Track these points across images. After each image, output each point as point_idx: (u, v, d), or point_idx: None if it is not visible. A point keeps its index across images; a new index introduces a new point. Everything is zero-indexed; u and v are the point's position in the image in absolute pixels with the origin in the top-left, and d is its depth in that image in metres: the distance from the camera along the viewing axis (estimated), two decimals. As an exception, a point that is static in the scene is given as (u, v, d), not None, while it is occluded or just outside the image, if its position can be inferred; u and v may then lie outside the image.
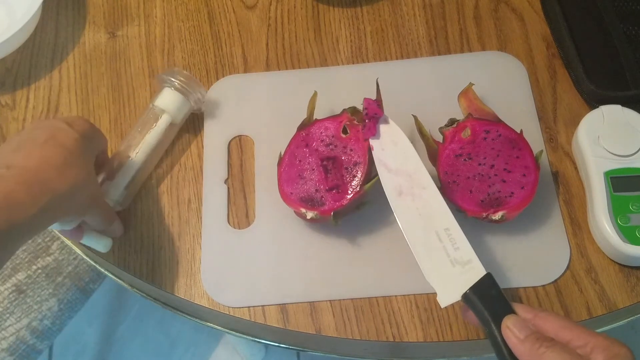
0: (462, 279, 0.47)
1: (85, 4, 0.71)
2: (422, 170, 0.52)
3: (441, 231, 0.50)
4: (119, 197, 0.57)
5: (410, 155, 0.53)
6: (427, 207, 0.51)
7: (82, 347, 1.28)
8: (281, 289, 0.55)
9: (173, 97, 0.59)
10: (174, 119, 0.60)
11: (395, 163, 0.53)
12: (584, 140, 0.56)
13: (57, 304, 0.77)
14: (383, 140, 0.54)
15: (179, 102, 0.60)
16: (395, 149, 0.53)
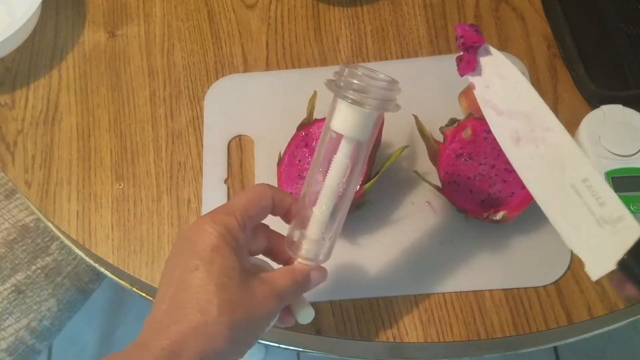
0: (614, 241, 0.38)
1: (85, 4, 0.71)
2: (543, 107, 0.41)
3: (578, 183, 0.39)
4: (314, 256, 0.45)
5: (525, 90, 0.42)
6: (557, 154, 0.40)
7: (82, 347, 1.28)
8: (281, 289, 0.55)
9: (351, 115, 0.42)
10: (360, 139, 0.43)
11: (506, 102, 0.42)
12: (585, 140, 0.56)
13: (57, 304, 0.76)
14: (486, 76, 0.43)
15: (360, 120, 0.42)
16: (504, 85, 0.42)
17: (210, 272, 0.39)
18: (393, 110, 0.43)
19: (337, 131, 0.42)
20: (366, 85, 0.42)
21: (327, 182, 0.43)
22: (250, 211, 0.43)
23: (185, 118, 0.64)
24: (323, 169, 0.44)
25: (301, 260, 0.45)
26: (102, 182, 0.61)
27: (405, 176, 0.59)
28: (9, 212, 0.77)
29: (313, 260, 0.45)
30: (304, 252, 0.45)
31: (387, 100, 0.42)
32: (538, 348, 0.56)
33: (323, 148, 0.44)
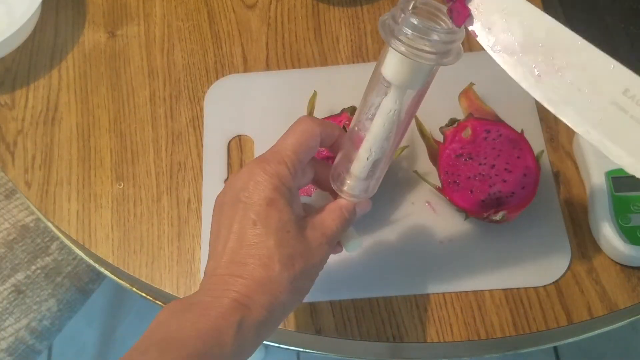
0: None
1: (85, 4, 0.71)
2: (558, 27, 0.36)
3: (619, 97, 0.34)
4: (359, 192, 0.45)
5: (532, 15, 0.36)
6: (586, 75, 0.36)
7: (82, 347, 1.28)
8: (281, 289, 0.55)
9: (402, 66, 0.39)
10: (411, 88, 0.41)
11: (514, 37, 0.37)
12: (585, 140, 0.56)
13: (57, 304, 0.76)
14: (484, 18, 0.37)
15: (412, 71, 0.40)
16: (506, 18, 0.37)
17: (268, 227, 0.40)
18: (452, 63, 0.38)
19: (387, 78, 0.40)
20: (422, 37, 0.37)
21: (374, 128, 0.42)
22: (301, 155, 0.43)
23: (185, 118, 0.64)
24: (371, 113, 0.42)
25: (345, 197, 0.45)
26: (102, 182, 0.61)
27: (405, 176, 0.59)
28: (9, 212, 0.77)
29: (358, 197, 0.45)
30: (348, 189, 0.45)
31: (445, 53, 0.38)
32: (538, 348, 0.56)
33: (372, 91, 0.42)
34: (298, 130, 0.43)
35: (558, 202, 0.57)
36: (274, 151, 0.43)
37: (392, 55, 0.39)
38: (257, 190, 0.41)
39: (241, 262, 0.40)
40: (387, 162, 0.45)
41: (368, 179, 0.45)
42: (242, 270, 0.40)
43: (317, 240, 0.42)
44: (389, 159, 0.45)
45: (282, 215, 0.40)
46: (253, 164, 0.42)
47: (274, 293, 0.39)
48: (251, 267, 0.39)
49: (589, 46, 0.36)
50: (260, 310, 0.39)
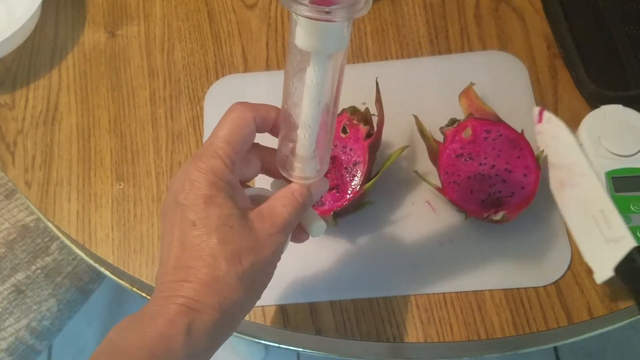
0: (614, 254, 0.49)
1: (85, 3, 0.71)
2: (581, 159, 0.54)
3: (597, 213, 0.51)
4: (310, 172, 0.43)
5: (569, 146, 0.55)
6: (585, 193, 0.53)
7: (82, 347, 1.28)
8: (281, 289, 0.55)
9: (314, 31, 0.37)
10: (332, 52, 0.38)
11: (556, 156, 0.55)
12: (585, 140, 0.56)
13: (57, 304, 0.76)
14: (547, 139, 0.56)
15: (327, 33, 0.37)
16: (556, 143, 0.55)
17: (209, 226, 0.38)
18: (363, 13, 0.36)
19: (301, 48, 0.38)
20: None
21: (304, 103, 0.40)
22: (235, 145, 0.40)
23: (185, 118, 0.64)
24: (298, 88, 0.39)
25: (297, 181, 0.42)
26: (102, 182, 0.61)
27: (405, 176, 0.59)
28: (9, 212, 0.77)
29: (309, 178, 0.43)
30: (298, 172, 0.42)
31: (354, 5, 0.36)
32: (538, 348, 0.56)
33: (292, 66, 0.39)
34: (229, 120, 0.41)
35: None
36: (206, 145, 0.40)
37: (300, 23, 0.37)
38: (193, 190, 0.39)
39: (186, 266, 0.38)
40: (329, 134, 0.42)
41: (314, 157, 0.42)
42: (187, 274, 0.38)
43: (267, 231, 0.39)
44: (329, 131, 0.42)
45: (222, 211, 0.38)
46: (188, 163, 0.40)
47: (223, 293, 0.38)
48: (196, 270, 0.38)
49: (592, 175, 0.53)
50: (210, 312, 0.37)
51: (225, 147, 0.40)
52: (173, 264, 0.38)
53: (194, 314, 0.37)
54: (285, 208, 0.41)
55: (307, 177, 0.43)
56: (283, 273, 0.56)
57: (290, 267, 0.56)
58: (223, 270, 0.38)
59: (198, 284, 0.37)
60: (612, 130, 0.56)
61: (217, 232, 0.38)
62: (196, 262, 0.38)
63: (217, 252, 0.38)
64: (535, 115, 0.58)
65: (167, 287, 0.38)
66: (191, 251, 0.38)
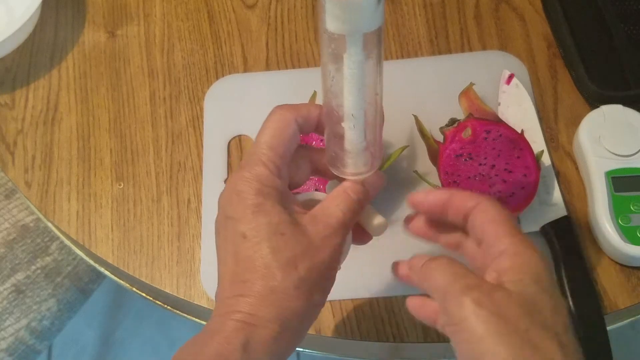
0: (545, 216, 0.54)
1: (85, 3, 0.71)
2: (537, 128, 0.59)
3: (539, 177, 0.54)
4: (363, 167, 0.41)
5: (530, 114, 0.59)
6: None
7: (82, 347, 1.28)
8: (281, 289, 0.55)
9: (343, 10, 0.35)
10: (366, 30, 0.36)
11: (514, 119, 0.58)
12: (585, 140, 0.56)
13: (57, 304, 0.76)
14: (509, 100, 0.60)
15: (357, 11, 0.35)
16: (517, 108, 0.60)
17: (259, 236, 0.37)
18: None
19: (335, 32, 0.35)
20: None
21: (346, 91, 0.38)
22: (278, 150, 0.39)
23: (185, 118, 0.64)
24: (336, 78, 0.38)
25: (351, 177, 0.41)
26: (102, 182, 0.61)
27: (405, 176, 0.59)
28: (9, 212, 0.77)
29: (363, 173, 0.41)
30: (349, 168, 0.40)
31: None
32: (538, 348, 0.56)
33: (327, 55, 0.37)
34: (270, 125, 0.40)
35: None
36: (250, 154, 0.40)
37: (328, 6, 0.34)
38: (240, 201, 0.38)
39: (241, 280, 0.37)
40: (378, 122, 0.40)
41: (365, 149, 0.40)
42: (243, 288, 0.37)
43: (321, 234, 0.38)
44: (378, 118, 0.40)
45: (272, 219, 0.37)
46: (233, 174, 0.39)
47: (280, 303, 0.36)
48: (251, 283, 0.36)
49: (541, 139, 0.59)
50: (268, 325, 0.36)
51: (269, 152, 0.39)
52: (229, 280, 0.37)
53: (251, 329, 0.35)
54: (338, 207, 0.39)
55: (359, 173, 0.40)
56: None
57: (290, 267, 0.56)
58: (278, 279, 0.36)
59: (254, 297, 0.36)
60: (612, 130, 0.56)
61: (269, 241, 0.37)
62: (250, 275, 0.37)
63: (270, 261, 0.36)
64: (504, 76, 0.61)
65: (225, 304, 0.37)
66: (245, 264, 0.37)
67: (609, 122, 0.56)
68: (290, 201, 0.39)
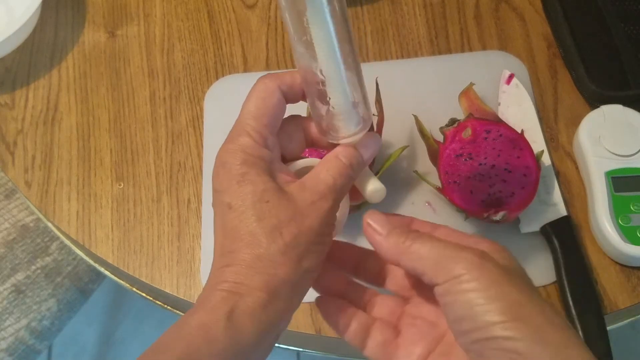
0: (545, 216, 0.55)
1: (85, 3, 0.71)
2: (537, 127, 0.59)
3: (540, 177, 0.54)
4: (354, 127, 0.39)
5: (530, 114, 0.59)
6: None
7: (82, 347, 1.28)
8: (281, 289, 0.55)
9: None
10: None
11: (514, 119, 0.59)
12: (585, 140, 0.56)
13: (57, 304, 0.76)
14: (509, 100, 0.60)
15: None
16: (518, 108, 0.60)
17: (244, 205, 0.36)
18: None
19: None
20: None
21: (318, 45, 0.36)
22: (263, 119, 0.38)
23: (185, 118, 0.64)
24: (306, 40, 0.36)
25: (343, 141, 0.39)
26: (102, 182, 0.61)
27: (405, 176, 0.59)
28: (9, 212, 0.77)
29: (355, 134, 0.39)
30: (341, 131, 0.39)
31: None
32: (538, 348, 0.56)
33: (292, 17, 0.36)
34: (253, 95, 0.40)
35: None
36: (235, 126, 0.39)
37: None
38: (226, 173, 0.37)
39: (229, 251, 0.36)
40: (357, 74, 0.38)
41: (353, 108, 0.38)
42: (230, 258, 0.36)
43: (308, 200, 0.37)
44: (357, 70, 0.38)
45: (256, 187, 0.36)
46: (220, 148, 0.39)
47: (267, 270, 0.35)
48: (237, 252, 0.36)
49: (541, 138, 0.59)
50: (255, 293, 0.35)
51: (252, 122, 0.38)
52: (219, 252, 0.37)
53: (237, 297, 0.35)
54: (329, 173, 0.38)
55: (351, 134, 0.39)
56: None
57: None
58: (264, 246, 0.36)
59: (240, 266, 0.36)
60: (612, 130, 0.56)
61: (253, 209, 0.36)
62: (237, 244, 0.36)
63: (255, 229, 0.36)
64: (504, 76, 0.61)
65: (214, 276, 0.37)
66: (232, 234, 0.37)
67: (609, 122, 0.56)
68: (279, 170, 0.39)
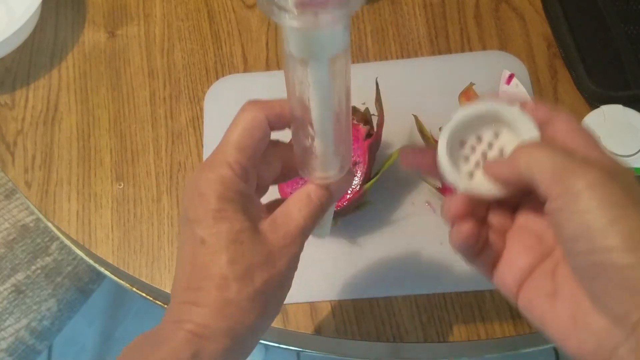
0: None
1: (85, 3, 0.71)
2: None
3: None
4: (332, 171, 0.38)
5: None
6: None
7: (82, 347, 1.28)
8: (281, 289, 0.55)
9: (306, 39, 0.32)
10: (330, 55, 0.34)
11: None
12: (585, 140, 0.56)
13: (57, 304, 0.76)
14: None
15: (321, 39, 0.32)
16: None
17: (219, 243, 0.35)
18: (357, 7, 0.31)
19: (299, 56, 0.33)
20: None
21: (313, 106, 0.35)
22: (247, 151, 0.37)
23: (185, 118, 0.64)
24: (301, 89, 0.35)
25: (317, 181, 0.38)
26: (102, 182, 0.61)
27: (405, 176, 0.59)
28: (8, 212, 0.77)
29: (330, 177, 0.39)
30: (318, 173, 0.38)
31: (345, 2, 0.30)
32: (538, 348, 0.56)
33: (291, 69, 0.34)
34: (240, 123, 0.38)
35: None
36: (217, 152, 0.37)
37: (289, 32, 0.32)
38: (202, 204, 0.36)
39: (196, 287, 0.35)
40: (347, 127, 0.38)
41: (335, 154, 0.37)
42: (197, 296, 0.35)
43: (280, 242, 0.36)
44: (348, 122, 0.38)
45: (233, 226, 0.35)
46: (197, 172, 0.37)
47: (234, 317, 0.35)
48: (205, 292, 0.35)
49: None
50: (220, 339, 0.34)
51: (236, 154, 0.37)
52: (184, 285, 0.36)
53: (202, 341, 0.34)
54: (300, 213, 0.38)
55: (328, 177, 0.38)
56: (283, 273, 0.56)
57: (290, 267, 0.56)
58: (234, 291, 0.35)
59: (207, 308, 0.35)
60: (612, 130, 0.56)
61: (227, 250, 0.35)
62: (206, 283, 0.35)
63: (227, 272, 0.35)
64: (504, 76, 0.61)
65: (178, 310, 0.36)
66: (201, 271, 0.35)
67: (609, 122, 0.56)
68: (253, 205, 0.37)
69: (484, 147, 0.38)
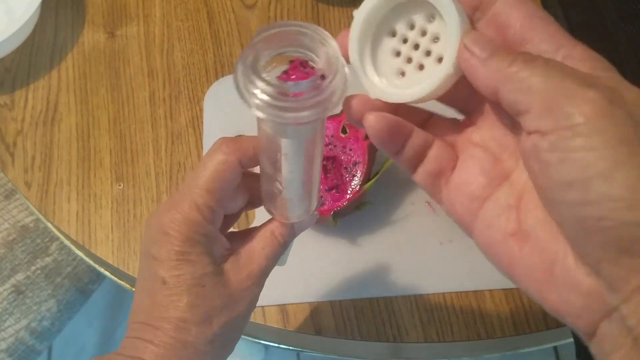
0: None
1: (85, 4, 0.71)
2: None
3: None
4: (299, 212, 0.39)
5: None
6: None
7: (82, 347, 1.28)
8: (281, 289, 0.55)
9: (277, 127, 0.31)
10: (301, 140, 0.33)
11: None
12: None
13: (57, 304, 0.76)
14: None
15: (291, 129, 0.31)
16: None
17: (180, 286, 0.35)
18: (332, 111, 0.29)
19: (271, 135, 0.32)
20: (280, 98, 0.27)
21: (285, 174, 0.35)
22: (216, 193, 0.36)
23: (185, 118, 0.64)
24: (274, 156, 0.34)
25: (283, 220, 0.38)
26: (102, 183, 0.61)
27: (405, 176, 0.58)
28: (8, 212, 0.77)
29: (296, 218, 0.39)
30: (283, 215, 0.38)
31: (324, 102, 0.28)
32: (538, 348, 0.56)
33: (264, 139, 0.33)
34: (211, 164, 0.37)
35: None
36: (184, 192, 0.36)
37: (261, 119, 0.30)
38: (166, 244, 0.35)
39: (153, 325, 0.35)
40: (316, 184, 0.38)
41: (303, 201, 0.37)
42: (154, 334, 0.35)
43: (242, 284, 0.36)
44: (317, 180, 0.37)
45: (195, 269, 0.35)
46: (162, 209, 0.36)
47: (191, 359, 0.35)
48: (163, 332, 0.35)
49: None
50: None
51: (206, 196, 0.36)
52: (142, 319, 0.36)
53: None
54: (263, 251, 0.38)
55: (293, 217, 0.38)
56: (283, 273, 0.56)
57: (290, 267, 0.56)
58: (192, 335, 0.35)
59: (164, 348, 0.34)
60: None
61: (189, 293, 0.35)
62: (164, 324, 0.35)
63: (186, 315, 0.35)
64: None
65: (133, 345, 0.35)
66: (160, 311, 0.35)
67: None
68: (217, 244, 0.37)
69: (415, 36, 0.31)
